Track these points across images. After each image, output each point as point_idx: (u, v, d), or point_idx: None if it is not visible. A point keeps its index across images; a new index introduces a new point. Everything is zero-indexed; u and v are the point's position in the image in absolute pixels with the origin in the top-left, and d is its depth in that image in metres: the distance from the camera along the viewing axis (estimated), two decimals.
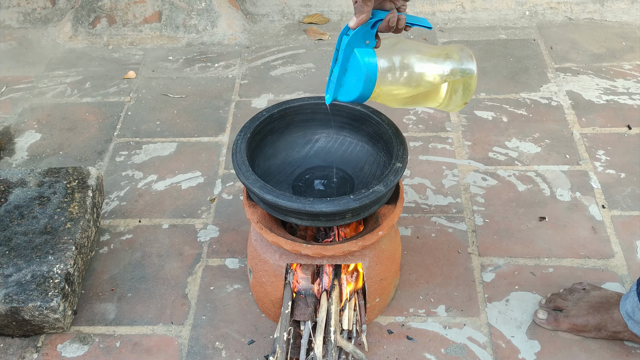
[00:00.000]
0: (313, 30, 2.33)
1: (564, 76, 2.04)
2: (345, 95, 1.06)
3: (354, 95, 1.04)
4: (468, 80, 1.10)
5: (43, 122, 1.92)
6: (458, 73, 1.09)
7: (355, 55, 1.02)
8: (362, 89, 1.02)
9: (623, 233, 1.51)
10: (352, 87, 1.04)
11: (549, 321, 1.30)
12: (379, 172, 1.28)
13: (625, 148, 1.75)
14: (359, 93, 1.03)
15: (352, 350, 1.20)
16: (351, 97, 1.05)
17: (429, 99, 1.12)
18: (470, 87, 1.10)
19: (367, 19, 1.00)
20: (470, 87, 1.10)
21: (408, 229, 1.54)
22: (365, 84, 1.02)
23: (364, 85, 1.02)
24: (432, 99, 1.12)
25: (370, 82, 1.02)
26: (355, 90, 1.03)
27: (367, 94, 1.04)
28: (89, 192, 1.46)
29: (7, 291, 1.25)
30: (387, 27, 1.01)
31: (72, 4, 2.37)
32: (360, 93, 1.03)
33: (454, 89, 1.10)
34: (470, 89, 1.11)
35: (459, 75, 1.09)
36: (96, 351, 1.30)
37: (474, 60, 1.09)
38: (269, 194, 1.11)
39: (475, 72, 1.09)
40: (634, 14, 2.32)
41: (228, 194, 1.66)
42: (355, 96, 1.04)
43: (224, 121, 1.91)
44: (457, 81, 1.10)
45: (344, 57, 1.03)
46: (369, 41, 1.02)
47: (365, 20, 0.99)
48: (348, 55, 1.02)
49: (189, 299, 1.40)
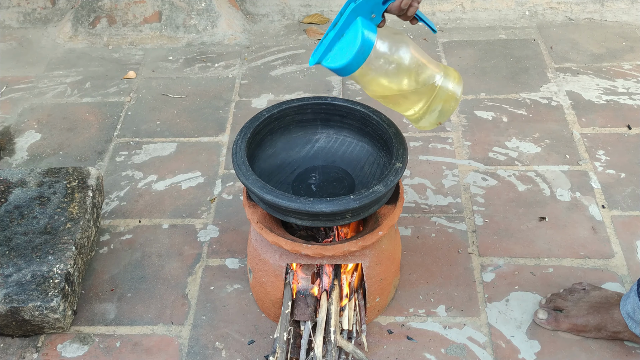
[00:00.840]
0: (313, 30, 2.33)
1: (564, 76, 2.04)
2: (332, 61, 1.01)
3: (341, 63, 0.99)
4: (449, 103, 1.09)
5: (43, 122, 1.92)
6: (444, 89, 1.08)
7: (357, 23, 0.98)
8: (352, 59, 0.98)
9: (623, 233, 1.51)
10: (341, 55, 0.99)
11: (549, 321, 1.30)
12: (379, 172, 1.28)
13: (625, 148, 1.75)
14: (347, 62, 0.99)
15: (352, 350, 1.20)
16: (337, 64, 1.00)
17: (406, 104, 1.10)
18: (448, 109, 1.10)
19: None
20: (449, 109, 1.09)
21: (408, 229, 1.54)
22: (356, 55, 0.98)
23: (355, 55, 0.98)
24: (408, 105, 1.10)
25: (362, 54, 0.98)
26: (343, 58, 0.99)
27: (354, 66, 0.99)
28: (89, 192, 1.46)
29: (7, 291, 1.25)
30: (397, 9, 0.99)
31: (72, 4, 2.37)
32: (347, 62, 0.98)
33: (432, 106, 1.09)
34: (448, 111, 1.10)
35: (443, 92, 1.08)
36: (96, 351, 1.30)
37: (461, 85, 1.09)
38: (269, 194, 1.11)
39: (459, 97, 1.08)
40: (634, 14, 2.32)
41: (228, 194, 1.66)
42: (341, 64, 0.99)
43: (224, 121, 1.91)
44: (438, 100, 1.09)
45: (345, 22, 0.98)
46: (376, 15, 0.99)
47: None
48: (350, 21, 0.98)
49: (189, 299, 1.40)
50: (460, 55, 2.15)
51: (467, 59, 2.14)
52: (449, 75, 1.10)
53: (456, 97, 1.09)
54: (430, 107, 1.10)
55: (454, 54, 2.17)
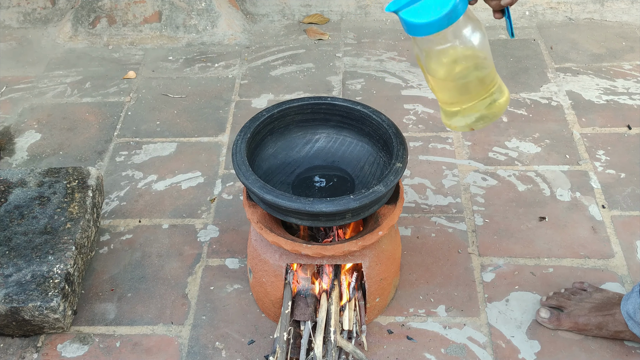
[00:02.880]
0: (313, 30, 2.33)
1: (564, 76, 2.04)
2: (413, 15, 0.97)
3: (424, 19, 0.96)
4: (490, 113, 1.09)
5: (43, 122, 1.92)
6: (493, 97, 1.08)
7: None
8: (437, 19, 0.95)
9: (623, 233, 1.51)
10: (426, 12, 0.96)
11: (551, 320, 1.30)
12: (379, 172, 1.28)
13: (625, 148, 1.75)
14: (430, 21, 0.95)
15: (352, 350, 1.20)
16: (419, 19, 0.96)
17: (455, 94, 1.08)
18: (487, 120, 1.09)
19: None
20: (487, 120, 1.09)
21: (408, 229, 1.54)
22: (443, 17, 0.95)
23: (441, 17, 0.94)
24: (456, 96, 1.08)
25: (449, 19, 0.95)
26: (427, 16, 0.95)
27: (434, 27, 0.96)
28: (89, 192, 1.46)
29: (7, 291, 1.25)
30: None
31: (72, 4, 2.37)
32: (431, 21, 0.95)
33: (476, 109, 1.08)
34: (485, 121, 1.09)
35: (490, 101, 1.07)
36: (96, 351, 1.30)
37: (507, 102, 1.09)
38: (269, 194, 1.11)
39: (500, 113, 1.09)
40: (634, 14, 2.32)
41: (228, 194, 1.66)
42: (423, 21, 0.96)
43: (224, 121, 1.91)
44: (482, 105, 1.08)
45: None
46: None
47: None
48: None
49: (189, 299, 1.40)
50: None
51: None
52: (503, 91, 1.10)
53: (499, 111, 1.09)
54: (472, 109, 1.09)
55: None
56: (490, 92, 1.08)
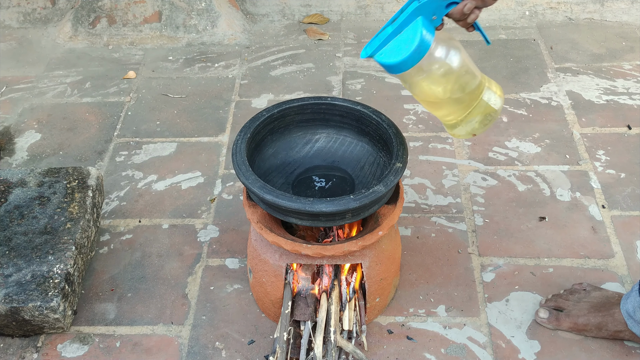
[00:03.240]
0: (313, 30, 2.33)
1: (564, 76, 2.04)
2: (385, 56, 1.02)
3: (395, 59, 1.00)
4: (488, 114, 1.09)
5: (43, 122, 1.92)
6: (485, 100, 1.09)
7: (418, 22, 0.99)
8: (407, 57, 0.99)
9: (623, 233, 1.51)
10: (396, 51, 1.00)
11: (550, 320, 1.30)
12: (379, 172, 1.28)
13: (625, 148, 1.75)
14: (401, 60, 0.99)
15: (352, 350, 1.20)
16: (390, 60, 1.01)
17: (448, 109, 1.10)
18: (486, 122, 1.10)
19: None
20: (487, 122, 1.10)
21: (408, 229, 1.54)
22: (412, 54, 0.99)
23: (410, 54, 0.99)
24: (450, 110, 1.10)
25: (418, 54, 0.99)
26: (398, 55, 1.00)
27: (407, 64, 1.00)
28: (89, 192, 1.46)
29: (7, 291, 1.25)
30: (459, 13, 1.00)
31: (72, 4, 2.37)
32: (402, 60, 0.99)
33: (473, 115, 1.09)
34: (486, 124, 1.10)
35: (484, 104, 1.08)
36: (96, 351, 1.30)
37: (503, 100, 1.10)
38: (269, 194, 1.11)
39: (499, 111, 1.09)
40: (634, 14, 2.32)
41: (228, 194, 1.66)
42: (395, 61, 1.00)
43: (224, 121, 1.91)
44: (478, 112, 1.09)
45: (406, 19, 0.99)
46: (437, 17, 1.00)
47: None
48: (410, 20, 0.99)
49: (189, 299, 1.40)
50: None
51: None
52: (493, 89, 1.10)
53: (496, 110, 1.10)
54: (470, 116, 1.10)
55: None
56: (481, 97, 1.09)
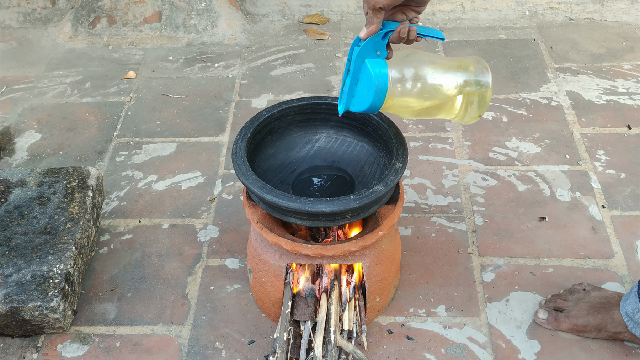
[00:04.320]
0: (313, 30, 2.33)
1: (564, 76, 2.04)
2: (357, 106, 1.07)
3: (365, 105, 1.05)
4: (483, 93, 1.09)
5: (43, 122, 1.92)
6: (473, 85, 1.08)
7: (366, 65, 1.02)
8: (373, 99, 1.03)
9: (623, 233, 1.51)
10: (363, 98, 1.05)
11: (549, 321, 1.30)
12: (379, 172, 1.28)
13: (625, 148, 1.75)
14: (370, 103, 1.04)
15: (352, 350, 1.20)
16: (362, 107, 1.06)
17: (443, 110, 1.11)
18: (485, 100, 1.10)
19: (377, 30, 0.99)
20: (485, 100, 1.10)
21: (408, 229, 1.54)
22: (375, 95, 1.02)
23: (374, 95, 1.02)
24: (446, 110, 1.11)
25: (381, 92, 1.02)
26: (366, 101, 1.04)
27: (378, 104, 1.04)
28: (89, 192, 1.46)
29: (7, 291, 1.25)
30: (398, 38, 1.01)
31: (72, 4, 2.37)
32: (371, 103, 1.04)
33: (469, 101, 1.09)
34: (485, 102, 1.10)
35: (473, 87, 1.08)
36: (96, 351, 1.30)
37: (489, 72, 1.09)
38: (269, 194, 1.11)
39: (491, 84, 1.09)
40: (634, 14, 2.32)
41: (228, 194, 1.66)
42: (366, 106, 1.05)
43: (224, 121, 1.91)
44: (472, 93, 1.09)
45: (355, 67, 1.03)
46: (380, 52, 1.02)
47: (375, 32, 0.99)
48: (359, 65, 1.03)
49: (189, 299, 1.40)
50: (460, 55, 2.15)
51: None
52: (472, 68, 1.10)
53: (488, 84, 1.09)
54: (468, 102, 1.10)
55: (454, 54, 2.17)
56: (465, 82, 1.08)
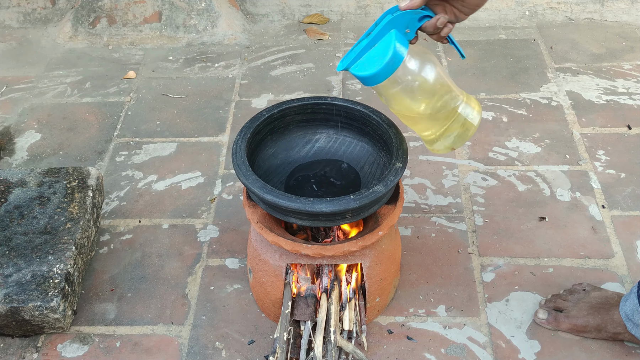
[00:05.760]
0: (313, 30, 2.33)
1: (564, 76, 2.04)
2: (360, 68, 1.03)
3: (368, 72, 1.01)
4: (466, 129, 1.10)
5: (43, 122, 1.92)
6: (462, 115, 1.09)
7: (391, 35, 0.99)
8: (380, 69, 1.00)
9: (623, 233, 1.51)
10: (370, 64, 1.01)
11: (549, 321, 1.30)
12: (379, 172, 1.28)
13: (625, 148, 1.75)
14: (374, 72, 1.00)
15: (352, 350, 1.20)
16: (364, 72, 1.02)
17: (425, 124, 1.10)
18: (464, 136, 1.10)
19: (419, 6, 0.98)
20: (465, 137, 1.10)
21: (408, 229, 1.54)
22: (385, 66, 0.99)
23: (383, 66, 0.99)
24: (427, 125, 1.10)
25: (391, 67, 1.00)
26: (371, 68, 1.00)
27: (380, 76, 1.01)
28: (89, 192, 1.46)
29: (7, 291, 1.25)
30: (433, 27, 1.00)
31: (72, 4, 2.37)
32: (375, 72, 1.00)
33: (449, 131, 1.10)
34: (463, 138, 1.11)
35: (461, 118, 1.09)
36: (96, 351, 1.30)
37: (480, 115, 1.10)
38: (269, 194, 1.11)
39: (476, 126, 1.10)
40: (634, 14, 2.32)
41: (228, 194, 1.66)
42: (368, 73, 1.01)
43: (224, 121, 1.91)
44: (455, 126, 1.09)
45: (380, 32, 1.00)
46: (410, 31, 1.01)
47: (416, 7, 0.98)
48: (384, 32, 1.00)
49: (189, 299, 1.40)
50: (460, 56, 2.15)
51: (467, 59, 2.14)
52: (471, 103, 1.10)
53: (474, 125, 1.10)
54: (447, 131, 1.10)
55: (454, 54, 2.17)
56: (455, 113, 1.09)
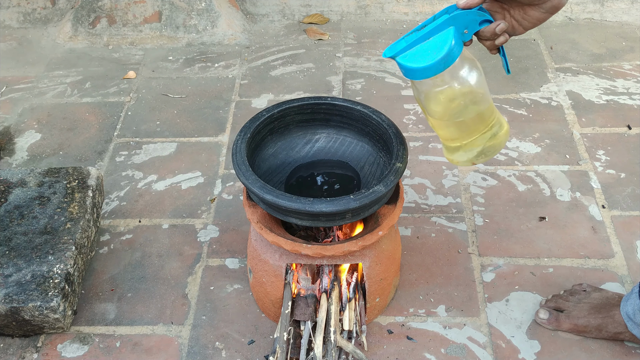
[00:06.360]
0: (313, 30, 2.33)
1: (564, 76, 2.04)
2: (409, 59, 0.99)
3: (420, 64, 0.97)
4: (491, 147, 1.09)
5: (43, 122, 1.92)
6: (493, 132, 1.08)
7: (450, 32, 0.97)
8: (433, 63, 0.96)
9: (623, 233, 1.51)
10: (422, 56, 0.98)
11: (550, 321, 1.30)
12: (379, 172, 1.28)
13: (625, 148, 1.75)
14: (426, 65, 0.97)
15: (352, 350, 1.20)
16: (415, 64, 0.98)
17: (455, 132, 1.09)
18: (488, 153, 1.10)
19: (478, 5, 0.97)
20: (489, 153, 1.10)
21: (408, 229, 1.54)
22: (438, 61, 0.96)
23: (437, 61, 0.96)
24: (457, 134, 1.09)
25: (444, 63, 0.97)
26: (423, 60, 0.97)
27: (430, 71, 0.98)
28: (89, 192, 1.46)
29: (7, 291, 1.25)
30: (491, 32, 0.99)
31: (72, 4, 2.37)
32: (427, 66, 0.97)
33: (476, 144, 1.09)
34: (487, 154, 1.10)
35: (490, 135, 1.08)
36: (96, 351, 1.30)
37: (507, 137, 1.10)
38: (269, 194, 1.11)
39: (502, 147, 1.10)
40: (634, 14, 2.32)
41: (228, 194, 1.66)
42: (419, 65, 0.97)
43: (224, 121, 1.91)
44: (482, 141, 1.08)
45: (437, 27, 0.98)
46: (468, 32, 0.99)
47: (476, 5, 0.97)
48: (442, 28, 0.98)
49: (189, 299, 1.40)
50: None
51: None
52: (503, 124, 1.10)
53: (500, 145, 1.10)
54: (472, 145, 1.09)
55: None
56: (490, 126, 1.08)
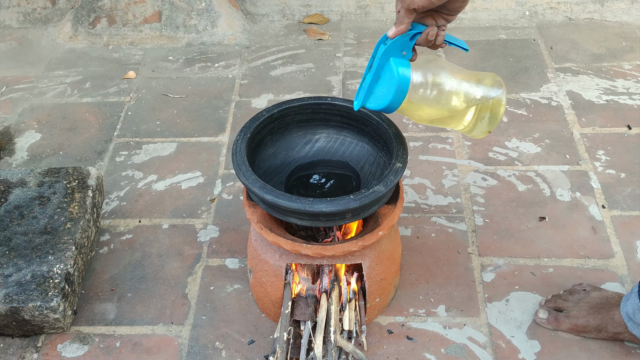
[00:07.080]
0: (313, 30, 2.33)
1: (564, 76, 2.04)
2: (374, 103, 1.06)
3: (383, 104, 1.04)
4: (496, 108, 1.09)
5: (43, 122, 1.92)
6: (487, 99, 1.09)
7: (390, 64, 1.01)
8: (392, 98, 1.02)
9: (623, 233, 1.51)
10: (382, 96, 1.04)
11: (549, 321, 1.30)
12: (379, 172, 1.28)
13: (625, 148, 1.75)
14: (388, 102, 1.03)
15: (352, 350, 1.20)
16: (380, 105, 1.05)
17: (455, 120, 1.11)
18: (497, 116, 1.10)
19: (406, 30, 0.99)
20: (497, 116, 1.10)
21: (408, 229, 1.54)
22: (395, 94, 1.01)
23: (394, 95, 1.01)
24: (457, 121, 1.11)
25: (401, 92, 1.02)
26: (384, 99, 1.03)
27: (396, 104, 1.03)
28: (89, 192, 1.46)
29: (7, 291, 1.25)
30: (425, 41, 1.01)
31: (72, 4, 2.37)
32: (389, 102, 1.03)
33: (481, 116, 1.10)
34: (496, 118, 1.10)
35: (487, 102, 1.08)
36: (96, 351, 1.30)
37: (504, 88, 1.09)
38: (269, 194, 1.11)
39: (504, 101, 1.09)
40: (634, 14, 2.32)
41: (228, 194, 1.66)
42: (384, 105, 1.04)
43: (224, 121, 1.91)
44: (485, 108, 1.09)
45: (379, 65, 1.02)
46: (406, 52, 1.02)
47: (404, 32, 0.99)
48: (383, 63, 1.02)
49: (189, 299, 1.40)
50: (460, 55, 2.15)
51: (467, 59, 2.14)
52: (489, 83, 1.10)
53: (501, 101, 1.10)
54: (479, 117, 1.10)
55: (454, 54, 2.17)
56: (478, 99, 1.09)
